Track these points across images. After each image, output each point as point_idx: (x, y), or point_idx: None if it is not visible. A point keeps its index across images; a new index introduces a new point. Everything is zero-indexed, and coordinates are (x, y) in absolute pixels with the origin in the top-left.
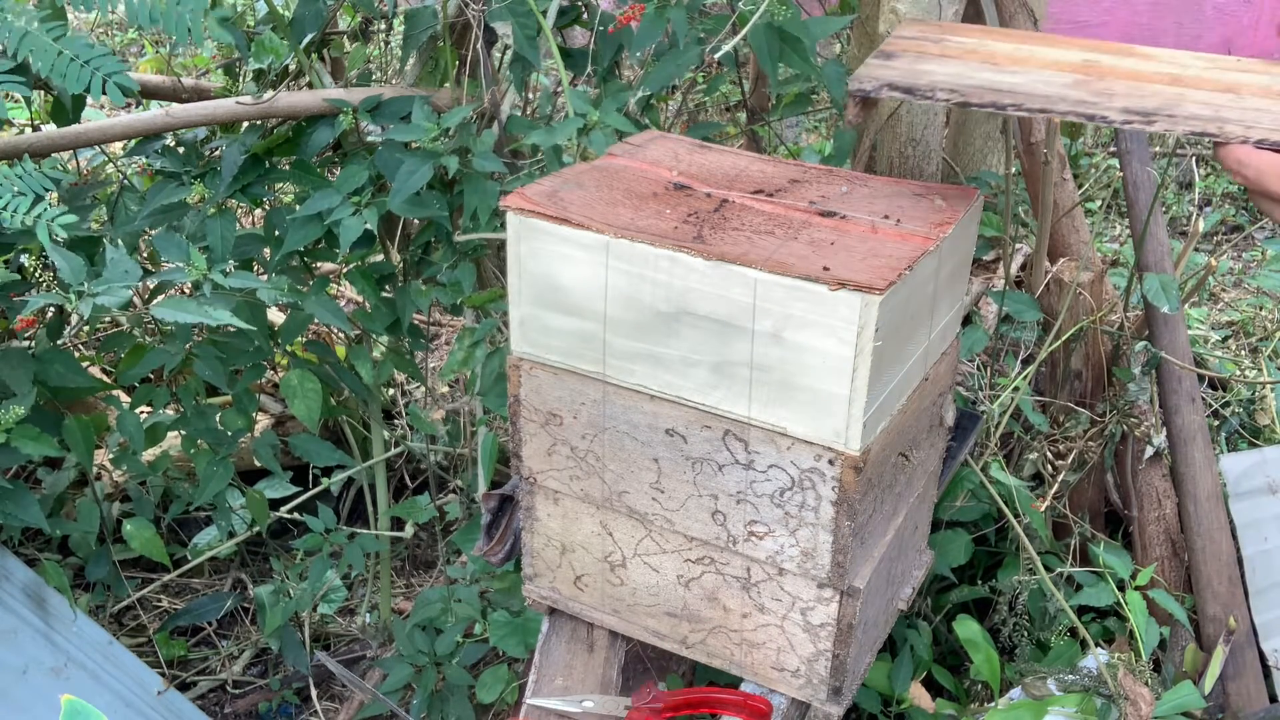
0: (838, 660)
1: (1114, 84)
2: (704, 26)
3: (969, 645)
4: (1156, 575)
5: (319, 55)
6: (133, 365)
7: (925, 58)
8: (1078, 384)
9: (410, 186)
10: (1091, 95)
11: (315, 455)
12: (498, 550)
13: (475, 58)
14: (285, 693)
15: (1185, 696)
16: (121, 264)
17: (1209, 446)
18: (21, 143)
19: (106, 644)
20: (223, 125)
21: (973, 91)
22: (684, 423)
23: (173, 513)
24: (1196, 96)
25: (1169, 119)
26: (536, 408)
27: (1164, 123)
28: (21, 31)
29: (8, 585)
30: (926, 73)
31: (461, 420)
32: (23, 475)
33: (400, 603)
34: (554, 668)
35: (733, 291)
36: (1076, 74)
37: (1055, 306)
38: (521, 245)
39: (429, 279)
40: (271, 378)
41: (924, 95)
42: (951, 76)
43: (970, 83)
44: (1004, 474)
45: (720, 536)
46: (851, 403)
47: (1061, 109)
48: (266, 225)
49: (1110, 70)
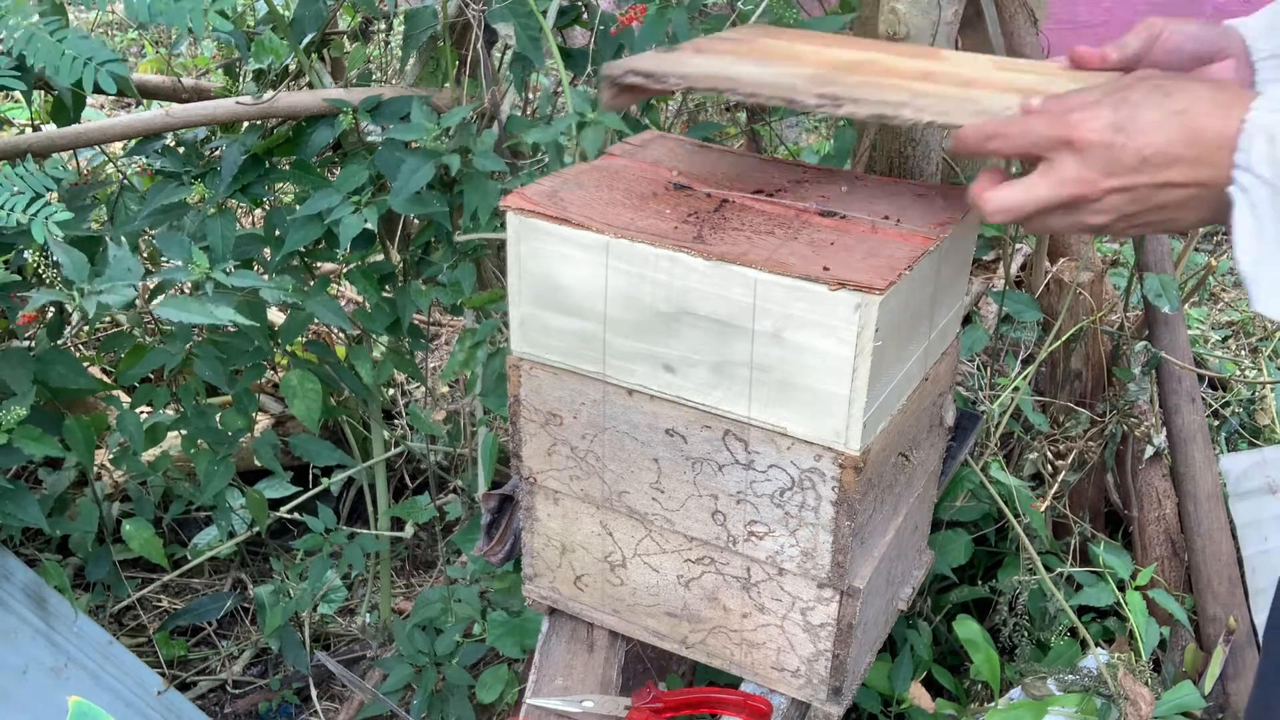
0: (838, 660)
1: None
2: (704, 27)
3: (969, 645)
4: (1156, 575)
5: (319, 55)
6: (133, 365)
7: (706, 52)
8: (1078, 384)
9: (412, 185)
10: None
11: (315, 455)
12: (498, 550)
13: (475, 58)
14: (285, 693)
15: (1185, 696)
16: (124, 262)
17: (1209, 446)
18: (21, 143)
19: (106, 644)
20: (223, 125)
21: (701, 79)
22: (684, 423)
23: (173, 513)
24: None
25: (854, 103)
26: (536, 408)
27: (850, 106)
28: (17, 28)
29: (8, 585)
30: (686, 63)
31: (462, 420)
32: (23, 475)
33: (400, 603)
34: (554, 668)
35: (733, 291)
36: (831, 69)
37: (1055, 306)
38: (521, 245)
39: (429, 279)
40: (271, 378)
41: (659, 81)
42: (702, 66)
43: (708, 71)
44: (1004, 474)
45: (720, 536)
46: (851, 403)
47: (765, 93)
48: (267, 225)
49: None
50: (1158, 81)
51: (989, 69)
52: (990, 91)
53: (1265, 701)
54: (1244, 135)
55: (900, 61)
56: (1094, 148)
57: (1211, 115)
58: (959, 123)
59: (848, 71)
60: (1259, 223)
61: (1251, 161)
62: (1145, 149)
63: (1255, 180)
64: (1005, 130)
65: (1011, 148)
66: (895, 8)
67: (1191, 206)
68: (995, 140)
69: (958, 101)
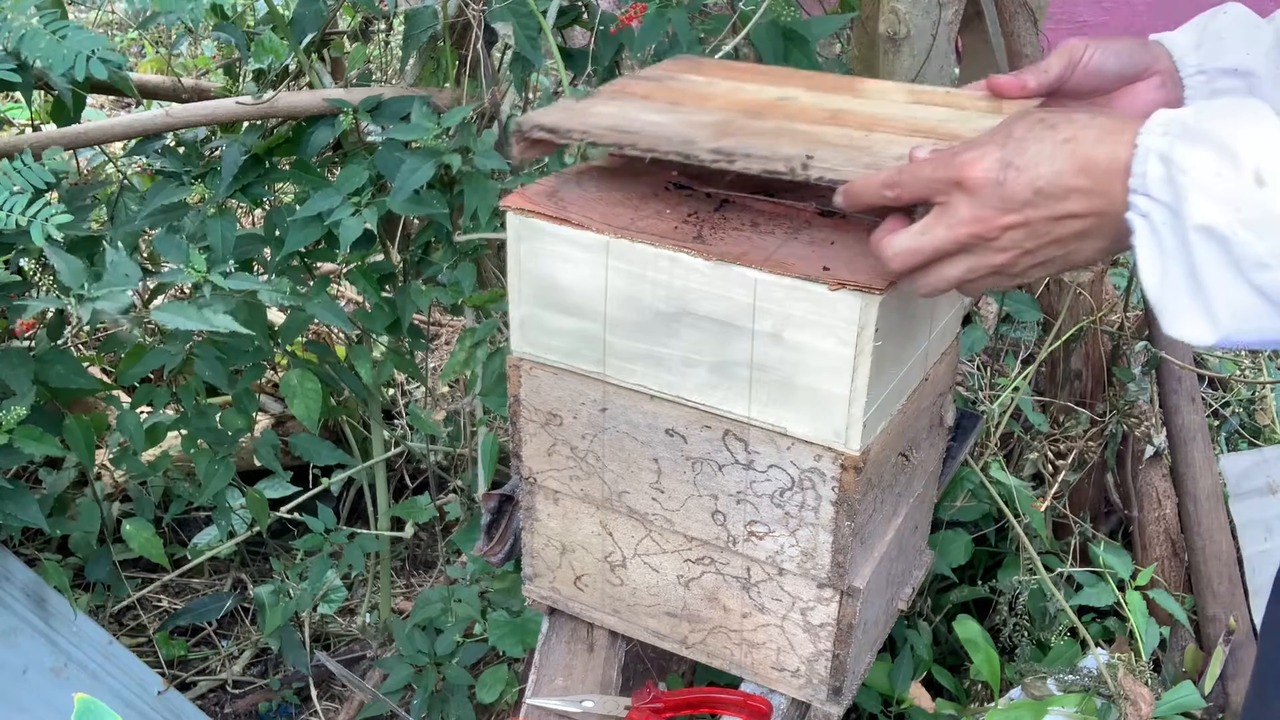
0: (838, 660)
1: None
2: (705, 27)
3: (969, 645)
4: (1156, 575)
5: (319, 55)
6: (133, 365)
7: (620, 97)
8: (1078, 384)
9: (412, 184)
10: (709, 137)
11: (315, 455)
12: (498, 550)
13: (475, 58)
14: (285, 693)
15: (1185, 696)
16: (121, 267)
17: (1209, 446)
18: (21, 142)
19: (106, 644)
20: (223, 125)
21: (604, 132)
22: (684, 423)
23: (173, 513)
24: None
25: (746, 158)
26: (536, 408)
27: (743, 162)
28: (18, 26)
29: (8, 585)
30: (593, 114)
31: (462, 420)
32: (23, 475)
33: (400, 603)
34: (554, 668)
35: (733, 291)
36: (739, 114)
37: (1055, 306)
38: (521, 245)
39: (429, 279)
40: (271, 378)
41: (563, 135)
42: (607, 118)
43: (612, 124)
44: (1004, 474)
45: (720, 536)
46: (851, 403)
47: (663, 148)
48: (267, 225)
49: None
50: (1040, 115)
51: (901, 104)
52: (890, 135)
53: (1262, 698)
54: (1137, 159)
55: (814, 100)
56: (985, 185)
57: (1100, 143)
58: (846, 178)
59: (755, 115)
60: (1160, 246)
61: (1148, 185)
62: (1036, 180)
63: (1153, 204)
64: (897, 179)
65: (906, 195)
66: (895, 8)
67: (1091, 237)
68: (889, 189)
69: (853, 153)
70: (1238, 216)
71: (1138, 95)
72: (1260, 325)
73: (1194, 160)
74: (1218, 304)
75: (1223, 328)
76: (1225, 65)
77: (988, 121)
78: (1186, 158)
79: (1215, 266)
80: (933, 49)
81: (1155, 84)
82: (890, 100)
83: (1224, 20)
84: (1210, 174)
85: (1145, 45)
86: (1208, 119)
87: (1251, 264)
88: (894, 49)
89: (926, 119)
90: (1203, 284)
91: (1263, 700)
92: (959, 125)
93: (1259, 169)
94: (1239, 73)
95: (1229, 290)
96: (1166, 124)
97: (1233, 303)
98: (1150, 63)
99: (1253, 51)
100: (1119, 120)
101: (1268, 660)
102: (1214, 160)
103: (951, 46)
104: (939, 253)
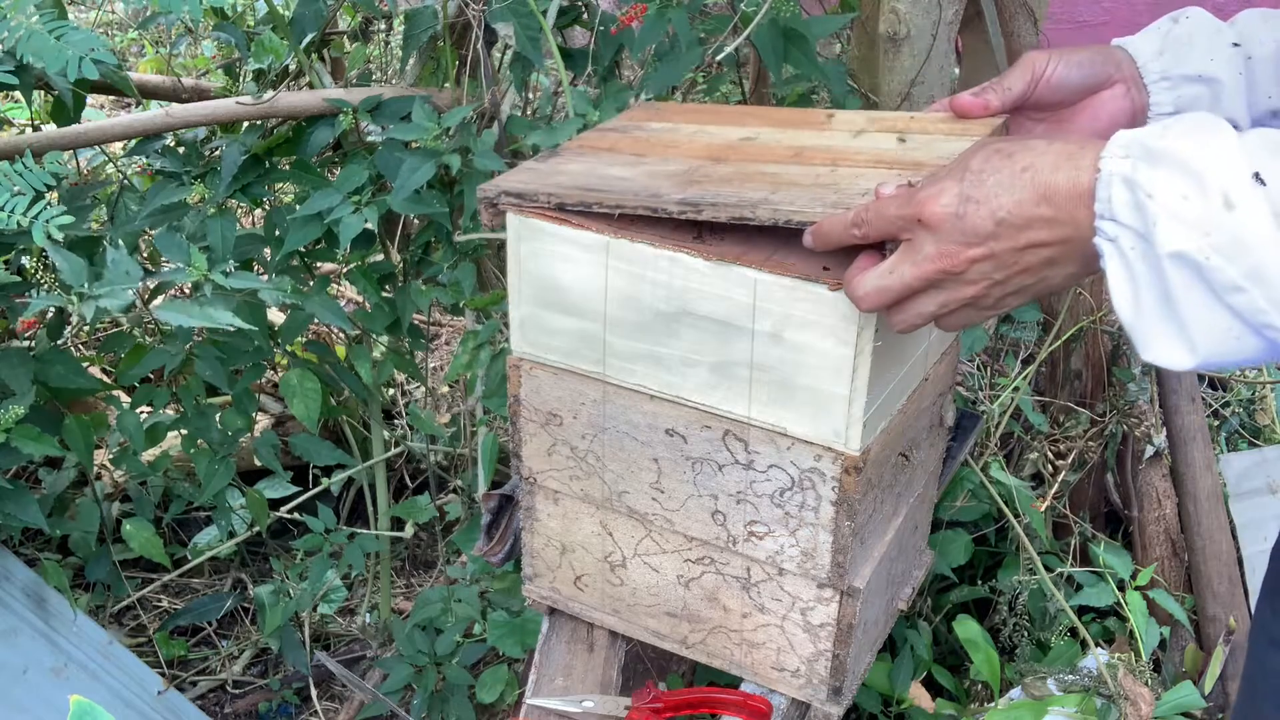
0: (838, 660)
1: (722, 169)
2: (705, 27)
3: (969, 645)
4: (1156, 575)
5: (319, 55)
6: (133, 365)
7: (586, 152)
8: (1078, 384)
9: (412, 183)
10: (675, 187)
11: (315, 455)
12: (498, 550)
13: (475, 58)
14: (285, 693)
15: (1185, 696)
16: (122, 265)
17: (1209, 446)
18: (21, 143)
19: (106, 644)
20: (223, 125)
21: (571, 192)
22: (684, 423)
23: (173, 513)
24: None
25: (713, 207)
26: (536, 408)
27: (710, 211)
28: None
29: (8, 585)
30: (560, 173)
31: (462, 420)
32: (23, 475)
33: (400, 603)
34: (554, 668)
35: (733, 291)
36: (704, 159)
37: (1055, 306)
38: (521, 245)
39: (429, 279)
40: (271, 378)
41: (531, 199)
42: (573, 177)
43: (578, 183)
44: (1004, 474)
45: (720, 536)
46: (851, 403)
47: (631, 203)
48: (267, 225)
49: (744, 150)
50: (996, 145)
51: (865, 136)
52: (855, 169)
53: (1251, 701)
54: (1100, 184)
55: (777, 138)
56: (945, 221)
57: (1058, 169)
58: (813, 219)
59: (719, 160)
60: (1131, 271)
61: (1114, 210)
62: (998, 212)
63: (1121, 229)
64: (863, 218)
65: (873, 234)
66: (895, 7)
67: (1060, 264)
68: (856, 229)
69: (819, 190)
70: (1208, 241)
71: (1103, 105)
72: (1236, 347)
73: (1159, 184)
74: (1194, 328)
75: (1200, 352)
76: (1189, 72)
77: (952, 146)
78: (1151, 181)
79: (1190, 292)
80: (933, 49)
81: (1120, 92)
82: (851, 129)
83: (1186, 26)
84: (1177, 198)
85: (1107, 53)
86: (1169, 139)
87: (1225, 288)
88: (894, 49)
89: (890, 149)
90: (1178, 309)
91: (1252, 703)
92: (923, 154)
93: (1226, 191)
94: (1203, 79)
95: (1205, 315)
96: (1127, 146)
97: (1209, 327)
98: (1112, 71)
99: (1216, 58)
100: (1077, 144)
101: (1256, 662)
102: (1180, 183)
103: (951, 46)
104: (908, 290)
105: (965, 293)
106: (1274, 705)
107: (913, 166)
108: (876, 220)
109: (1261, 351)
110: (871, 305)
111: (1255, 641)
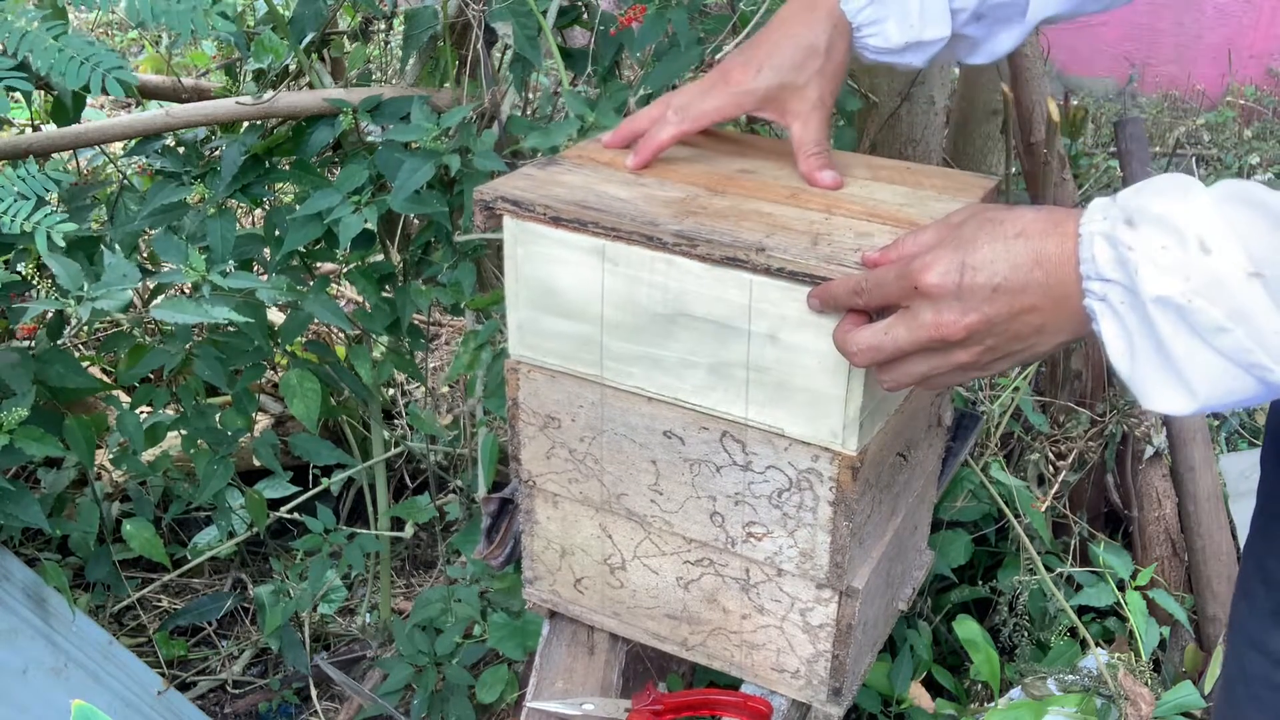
0: (837, 661)
1: (719, 201)
2: (705, 27)
3: (969, 645)
4: (1156, 575)
5: (319, 55)
6: (133, 365)
7: (584, 165)
8: (1078, 384)
9: (412, 184)
10: (672, 216)
11: (315, 455)
12: (498, 553)
13: (475, 58)
14: (285, 693)
15: (1185, 696)
16: (120, 267)
17: (1209, 446)
18: (21, 143)
19: (106, 644)
20: (223, 125)
21: (568, 206)
22: (681, 424)
23: (173, 513)
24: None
25: (708, 244)
26: (535, 411)
27: (704, 247)
28: (21, 31)
29: (8, 585)
30: (557, 184)
31: (462, 421)
32: (23, 475)
33: (400, 603)
34: (554, 671)
35: (729, 293)
36: (702, 187)
37: None
38: (518, 249)
39: (429, 279)
40: (271, 378)
41: (527, 208)
42: (571, 190)
43: (575, 198)
44: (1004, 474)
45: (719, 538)
46: (848, 403)
47: (626, 227)
48: (266, 225)
49: (742, 183)
50: (988, 214)
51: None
52: (850, 219)
53: (1231, 702)
54: (1082, 246)
55: (775, 174)
56: (944, 290)
57: (1047, 235)
58: (806, 270)
59: (716, 192)
60: (1122, 324)
61: (1099, 268)
62: (994, 278)
63: (1108, 285)
64: (863, 287)
65: (873, 302)
66: None
67: (1048, 332)
68: (857, 296)
69: (812, 240)
70: (1189, 285)
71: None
72: (1233, 388)
73: (1138, 237)
74: (1189, 372)
75: (1200, 396)
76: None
77: (944, 206)
78: (1130, 236)
79: (1178, 335)
80: None
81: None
82: (851, 176)
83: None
84: (1156, 248)
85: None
86: (1143, 199)
87: (1210, 329)
88: None
89: (886, 202)
90: (1171, 355)
91: (1232, 703)
92: (916, 211)
93: (1202, 238)
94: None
95: (1197, 357)
96: (1105, 209)
97: (1203, 369)
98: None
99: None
100: (1060, 211)
101: (1236, 665)
102: (1158, 235)
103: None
104: (900, 352)
105: (958, 358)
106: (1257, 709)
107: (906, 224)
108: (875, 290)
109: (1259, 392)
110: (864, 362)
111: (1233, 643)
